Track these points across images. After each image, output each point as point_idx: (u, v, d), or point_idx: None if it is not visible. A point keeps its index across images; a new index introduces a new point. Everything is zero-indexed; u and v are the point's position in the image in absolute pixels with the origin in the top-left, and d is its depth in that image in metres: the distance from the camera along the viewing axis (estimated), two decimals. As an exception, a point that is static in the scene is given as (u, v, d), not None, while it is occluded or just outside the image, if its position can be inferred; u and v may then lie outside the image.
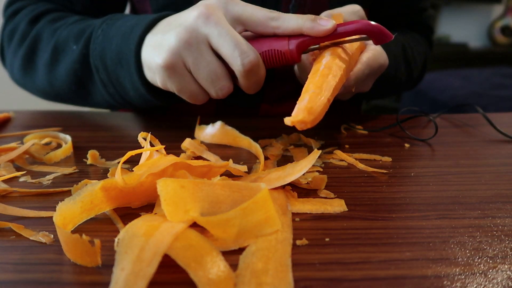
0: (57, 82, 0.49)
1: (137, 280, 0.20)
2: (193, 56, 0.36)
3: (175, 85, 0.38)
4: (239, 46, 0.35)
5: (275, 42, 0.37)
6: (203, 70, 0.36)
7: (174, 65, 0.37)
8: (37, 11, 0.51)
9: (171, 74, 0.37)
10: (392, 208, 0.30)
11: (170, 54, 0.36)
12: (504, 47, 2.62)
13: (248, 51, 0.35)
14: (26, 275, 0.22)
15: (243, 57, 0.35)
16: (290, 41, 0.37)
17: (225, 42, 0.35)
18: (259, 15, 0.36)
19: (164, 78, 0.38)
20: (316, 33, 0.36)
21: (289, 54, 0.37)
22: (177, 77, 0.37)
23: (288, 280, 0.21)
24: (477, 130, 0.50)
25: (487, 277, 0.23)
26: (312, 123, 0.31)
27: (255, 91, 0.39)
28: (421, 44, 0.64)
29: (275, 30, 0.36)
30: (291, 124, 0.31)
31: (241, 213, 0.24)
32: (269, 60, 0.38)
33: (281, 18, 0.36)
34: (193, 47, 0.36)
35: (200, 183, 0.27)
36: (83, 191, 0.27)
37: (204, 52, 0.36)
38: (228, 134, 0.42)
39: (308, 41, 0.37)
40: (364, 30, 0.36)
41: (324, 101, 0.32)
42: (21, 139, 0.43)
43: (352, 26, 0.36)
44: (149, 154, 0.32)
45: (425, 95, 1.64)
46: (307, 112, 0.31)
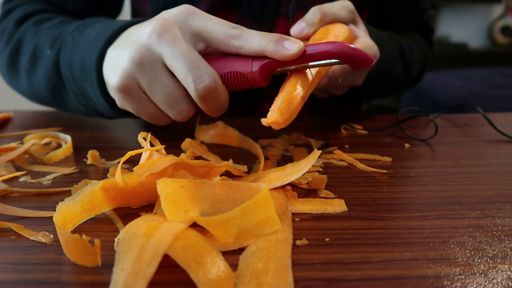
0: (36, 88, 0.47)
1: (137, 280, 0.20)
2: (147, 78, 0.33)
3: (132, 107, 0.36)
4: (193, 70, 0.32)
5: (238, 62, 0.34)
6: (159, 93, 0.34)
7: (128, 88, 0.34)
8: (26, 11, 0.50)
9: (126, 97, 0.35)
10: (392, 208, 0.30)
11: (123, 77, 0.34)
12: (504, 47, 2.63)
13: (203, 75, 0.32)
14: (26, 275, 0.22)
15: (197, 82, 0.32)
16: (254, 62, 0.33)
17: (178, 64, 0.32)
18: (220, 32, 0.33)
19: (120, 100, 0.36)
20: (280, 57, 0.32)
21: (252, 77, 0.33)
22: (133, 100, 0.35)
23: (288, 280, 0.21)
24: (477, 130, 0.50)
25: (487, 277, 0.23)
26: (284, 123, 0.31)
27: (218, 115, 0.37)
28: (420, 44, 0.64)
29: (238, 50, 0.33)
30: (266, 125, 0.31)
31: (241, 213, 0.24)
32: (232, 83, 0.34)
33: (243, 37, 0.33)
34: (147, 68, 0.33)
35: (200, 183, 0.27)
36: (83, 191, 0.27)
37: (159, 74, 0.33)
38: (228, 134, 0.42)
39: (275, 64, 0.33)
40: (338, 54, 0.32)
41: (296, 101, 0.32)
42: (21, 139, 0.43)
43: (324, 48, 0.32)
44: (149, 154, 0.32)
45: (425, 95, 1.64)
46: (279, 113, 0.31)
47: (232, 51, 0.33)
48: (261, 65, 0.33)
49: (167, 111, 0.35)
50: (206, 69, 0.33)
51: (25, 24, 0.49)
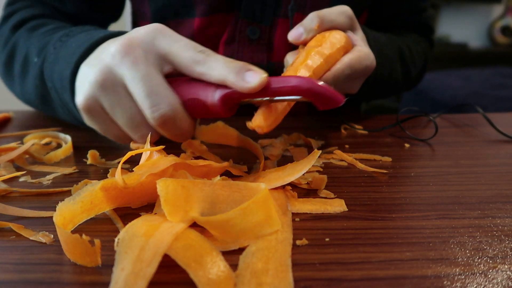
0: (27, 95, 0.47)
1: (137, 280, 0.20)
2: (109, 100, 0.32)
3: (97, 127, 0.35)
4: (151, 96, 0.30)
5: (202, 89, 0.32)
6: (121, 116, 0.33)
7: (91, 109, 0.33)
8: (22, 17, 0.50)
9: (90, 117, 0.34)
10: (392, 208, 0.30)
11: (86, 97, 0.33)
12: (504, 47, 2.63)
13: (161, 103, 0.30)
14: (26, 275, 0.22)
15: (153, 110, 0.30)
16: (217, 91, 0.31)
17: (137, 89, 0.31)
18: (184, 57, 0.31)
19: (86, 119, 0.35)
20: (240, 89, 0.30)
21: (212, 107, 0.31)
22: (97, 120, 0.34)
23: (288, 280, 0.21)
24: (477, 130, 0.50)
25: (487, 277, 0.23)
26: (268, 128, 0.31)
27: (182, 141, 0.35)
28: (420, 44, 0.64)
29: (201, 77, 0.31)
30: (251, 129, 0.31)
31: (241, 213, 0.24)
32: (195, 110, 0.32)
33: (206, 63, 0.31)
34: (109, 90, 0.32)
35: (200, 183, 0.27)
36: (83, 191, 0.27)
37: (122, 96, 0.32)
38: (228, 134, 0.42)
39: (237, 95, 0.31)
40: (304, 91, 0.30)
41: (281, 106, 0.32)
42: (21, 139, 0.43)
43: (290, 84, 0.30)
44: (149, 155, 0.32)
45: (425, 95, 1.64)
46: (262, 118, 0.31)
47: (196, 77, 0.32)
48: (222, 95, 0.31)
49: (129, 134, 0.34)
50: (165, 95, 0.31)
51: (20, 29, 0.49)
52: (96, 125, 0.35)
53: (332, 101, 0.30)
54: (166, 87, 0.31)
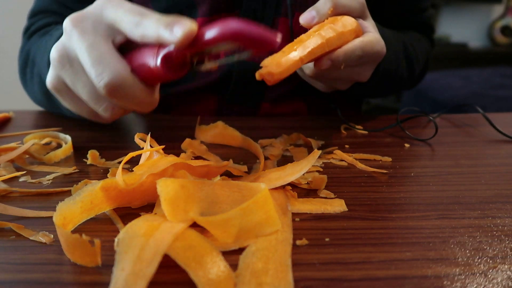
0: (38, 96, 0.49)
1: (137, 280, 0.20)
2: (69, 76, 0.32)
3: (69, 106, 0.35)
4: (95, 66, 0.30)
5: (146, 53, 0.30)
6: (82, 91, 0.32)
7: (58, 88, 0.34)
8: (36, 26, 0.53)
9: (60, 97, 0.34)
10: (392, 208, 0.30)
11: (50, 77, 0.33)
12: (504, 47, 2.62)
13: (104, 71, 0.30)
14: (26, 275, 0.22)
15: (98, 79, 0.30)
16: (158, 52, 0.30)
17: (84, 59, 0.30)
18: (126, 21, 0.30)
19: (58, 97, 0.35)
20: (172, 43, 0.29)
21: (156, 70, 0.30)
22: (67, 99, 0.34)
23: (288, 280, 0.21)
24: (477, 130, 0.50)
25: (487, 277, 0.23)
26: (279, 75, 0.31)
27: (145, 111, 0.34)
28: (423, 43, 0.64)
29: (142, 39, 0.30)
30: (259, 77, 0.31)
31: (241, 213, 0.24)
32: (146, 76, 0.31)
33: (142, 24, 0.29)
34: (67, 66, 0.32)
35: (200, 183, 0.27)
36: (83, 191, 0.27)
37: (79, 71, 0.32)
38: (228, 134, 0.42)
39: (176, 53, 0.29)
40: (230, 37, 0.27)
41: (295, 58, 0.33)
42: (21, 139, 0.43)
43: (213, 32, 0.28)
44: (149, 155, 0.32)
45: (425, 95, 1.64)
46: (275, 65, 0.31)
47: (139, 41, 0.30)
48: (163, 56, 0.29)
49: (94, 109, 0.33)
50: (110, 63, 0.30)
51: (33, 37, 0.52)
52: (67, 104, 0.35)
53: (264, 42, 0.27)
54: (113, 55, 0.30)
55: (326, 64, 0.37)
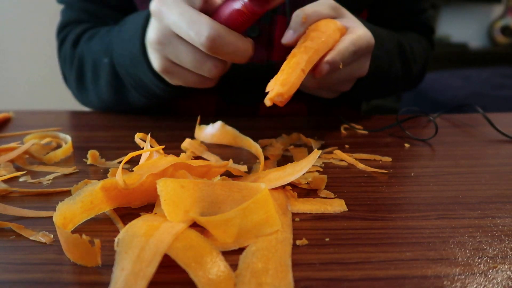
0: (103, 96, 0.52)
1: (137, 280, 0.20)
2: (171, 52, 0.36)
3: (179, 81, 0.39)
4: (192, 26, 0.33)
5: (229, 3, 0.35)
6: (186, 61, 0.36)
7: (167, 68, 0.38)
8: (75, 34, 0.55)
9: (169, 75, 0.38)
10: (392, 208, 0.30)
11: (157, 60, 0.37)
12: (504, 47, 2.62)
13: (202, 27, 0.33)
14: (26, 275, 0.22)
15: (198, 37, 0.33)
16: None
17: (180, 28, 0.34)
18: None
19: (168, 79, 0.40)
20: None
21: (246, 9, 0.34)
22: (176, 75, 0.38)
23: (288, 280, 0.21)
24: (477, 130, 0.50)
25: (487, 277, 0.23)
26: (288, 93, 0.32)
27: (246, 59, 0.36)
28: (421, 43, 0.64)
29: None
30: (270, 103, 0.32)
31: (241, 213, 0.24)
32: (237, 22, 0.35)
33: None
34: (166, 44, 0.36)
35: (200, 183, 0.27)
36: (83, 191, 0.27)
37: (178, 44, 0.35)
38: (228, 134, 0.42)
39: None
40: None
41: (297, 71, 0.34)
42: (21, 139, 0.43)
43: None
44: (149, 155, 0.32)
45: (425, 95, 1.64)
46: (280, 84, 0.32)
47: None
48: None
49: (200, 73, 0.37)
50: (202, 21, 0.33)
51: (79, 44, 0.54)
52: (178, 80, 0.39)
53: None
54: (201, 15, 0.34)
55: (325, 69, 0.38)
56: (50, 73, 0.76)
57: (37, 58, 1.48)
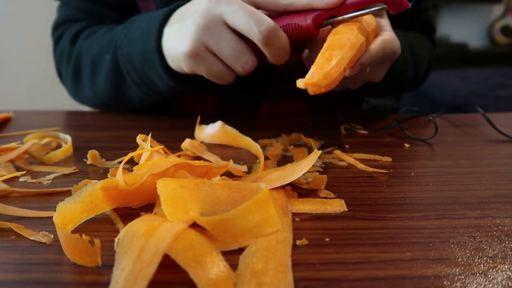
0: (100, 92, 0.53)
1: (137, 280, 0.20)
2: (213, 38, 0.37)
3: (202, 69, 0.40)
4: (253, 16, 0.36)
5: (292, 17, 0.38)
6: (226, 49, 0.38)
7: (198, 51, 0.38)
8: (74, 31, 0.55)
9: (196, 60, 0.39)
10: (392, 208, 0.30)
11: (192, 42, 0.38)
12: (504, 47, 2.62)
13: (263, 18, 0.36)
14: (26, 275, 0.22)
15: (259, 25, 0.35)
16: (306, 16, 0.37)
17: (239, 17, 0.36)
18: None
19: (190, 65, 0.40)
20: (326, 6, 0.36)
21: (307, 28, 0.37)
22: (202, 62, 0.39)
23: (288, 280, 0.21)
24: (477, 130, 0.50)
25: (487, 277, 0.23)
26: (326, 88, 0.31)
27: (283, 61, 0.39)
28: (426, 44, 0.64)
29: (286, 8, 0.37)
30: (303, 86, 0.31)
31: (241, 213, 0.24)
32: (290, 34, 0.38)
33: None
34: (211, 30, 0.37)
35: (200, 183, 0.27)
36: (83, 191, 0.27)
37: (223, 32, 0.37)
38: (228, 134, 0.42)
39: (324, 14, 0.37)
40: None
41: (341, 68, 0.33)
42: (21, 139, 0.43)
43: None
44: (149, 155, 0.32)
45: (425, 95, 1.64)
46: (323, 76, 0.31)
47: (281, 10, 0.38)
48: (314, 16, 0.37)
49: (234, 64, 0.39)
50: (262, 15, 0.36)
51: (78, 42, 0.54)
52: (201, 67, 0.40)
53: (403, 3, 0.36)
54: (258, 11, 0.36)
55: (356, 70, 0.38)
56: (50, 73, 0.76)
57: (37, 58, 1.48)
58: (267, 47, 0.37)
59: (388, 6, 0.36)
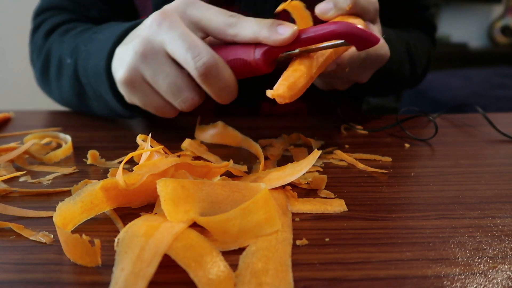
0: (64, 95, 0.50)
1: (137, 280, 0.20)
2: (151, 68, 0.34)
3: (139, 100, 0.37)
4: (192, 48, 0.32)
5: (241, 50, 0.33)
6: (163, 82, 0.34)
7: (133, 81, 0.35)
8: (52, 24, 0.53)
9: (132, 89, 0.36)
10: (392, 208, 0.30)
11: (127, 70, 0.35)
12: (504, 47, 2.63)
13: (202, 52, 0.32)
14: (26, 275, 0.22)
15: (196, 60, 0.32)
16: (256, 49, 0.33)
17: (177, 46, 0.32)
18: (217, 21, 0.33)
19: (126, 94, 0.37)
20: (274, 42, 0.32)
21: (255, 64, 0.33)
22: (138, 92, 0.36)
23: (288, 280, 0.21)
24: (477, 130, 0.50)
25: (487, 277, 0.23)
26: (290, 99, 0.32)
27: (226, 99, 0.36)
28: (425, 42, 0.64)
29: (234, 38, 0.33)
30: (271, 97, 0.32)
31: (241, 213, 0.24)
32: (237, 70, 0.34)
33: (238, 24, 0.33)
34: (150, 59, 0.34)
35: (200, 183, 0.27)
36: (83, 191, 0.27)
37: (162, 63, 0.34)
38: (228, 134, 0.42)
39: (276, 49, 0.33)
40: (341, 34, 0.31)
41: (307, 78, 0.33)
42: (21, 139, 0.43)
43: (325, 29, 0.31)
44: (149, 155, 0.32)
45: (425, 95, 1.64)
46: (287, 87, 0.31)
47: (229, 40, 0.34)
48: (263, 51, 0.33)
49: (172, 100, 0.35)
50: (204, 48, 0.32)
51: (52, 36, 0.52)
52: (137, 98, 0.36)
53: (369, 42, 0.31)
54: (202, 42, 0.33)
55: (331, 67, 0.37)
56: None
57: (37, 58, 1.47)
58: (205, 85, 0.34)
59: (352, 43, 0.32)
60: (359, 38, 0.31)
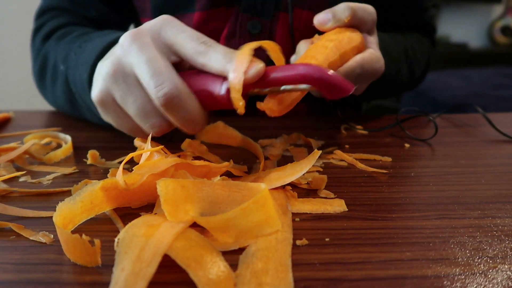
0: (58, 100, 0.50)
1: (137, 280, 0.20)
2: (120, 90, 0.32)
3: (112, 120, 0.36)
4: (155, 76, 0.30)
5: (210, 80, 0.31)
6: (131, 106, 0.33)
7: (104, 102, 0.34)
8: (50, 27, 0.52)
9: (105, 109, 0.35)
10: (392, 208, 0.30)
11: (99, 89, 0.33)
12: (504, 47, 2.62)
13: (165, 82, 0.30)
14: (26, 275, 0.22)
15: (158, 90, 0.30)
16: (224, 83, 0.31)
17: (142, 72, 0.31)
18: (188, 47, 0.31)
19: (101, 113, 0.36)
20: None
21: (221, 99, 0.31)
22: (111, 113, 0.35)
23: (288, 280, 0.21)
24: (477, 130, 0.50)
25: (487, 277, 0.23)
26: (280, 112, 0.32)
27: (194, 131, 0.34)
28: (424, 44, 0.64)
29: (203, 68, 0.32)
30: (261, 109, 0.32)
31: (241, 213, 0.24)
32: (204, 101, 0.32)
33: (208, 54, 0.31)
34: (120, 81, 0.32)
35: (200, 183, 0.27)
36: (83, 191, 0.27)
37: (132, 86, 0.32)
38: (228, 134, 0.42)
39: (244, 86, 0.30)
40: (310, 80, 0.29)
41: (296, 94, 0.33)
42: (21, 139, 0.43)
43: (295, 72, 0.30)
44: (149, 155, 0.32)
45: (425, 95, 1.64)
46: (276, 101, 0.32)
47: (199, 68, 0.32)
48: (228, 87, 0.30)
49: (140, 124, 0.34)
50: (169, 76, 0.31)
51: (50, 40, 0.51)
52: (110, 118, 0.36)
53: (341, 90, 0.30)
54: (171, 70, 0.31)
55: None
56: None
57: (37, 58, 1.47)
58: (169, 115, 0.32)
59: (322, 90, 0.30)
60: (332, 86, 0.29)
